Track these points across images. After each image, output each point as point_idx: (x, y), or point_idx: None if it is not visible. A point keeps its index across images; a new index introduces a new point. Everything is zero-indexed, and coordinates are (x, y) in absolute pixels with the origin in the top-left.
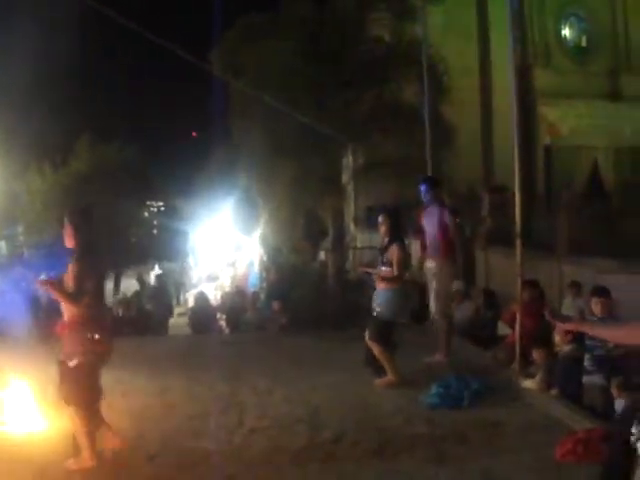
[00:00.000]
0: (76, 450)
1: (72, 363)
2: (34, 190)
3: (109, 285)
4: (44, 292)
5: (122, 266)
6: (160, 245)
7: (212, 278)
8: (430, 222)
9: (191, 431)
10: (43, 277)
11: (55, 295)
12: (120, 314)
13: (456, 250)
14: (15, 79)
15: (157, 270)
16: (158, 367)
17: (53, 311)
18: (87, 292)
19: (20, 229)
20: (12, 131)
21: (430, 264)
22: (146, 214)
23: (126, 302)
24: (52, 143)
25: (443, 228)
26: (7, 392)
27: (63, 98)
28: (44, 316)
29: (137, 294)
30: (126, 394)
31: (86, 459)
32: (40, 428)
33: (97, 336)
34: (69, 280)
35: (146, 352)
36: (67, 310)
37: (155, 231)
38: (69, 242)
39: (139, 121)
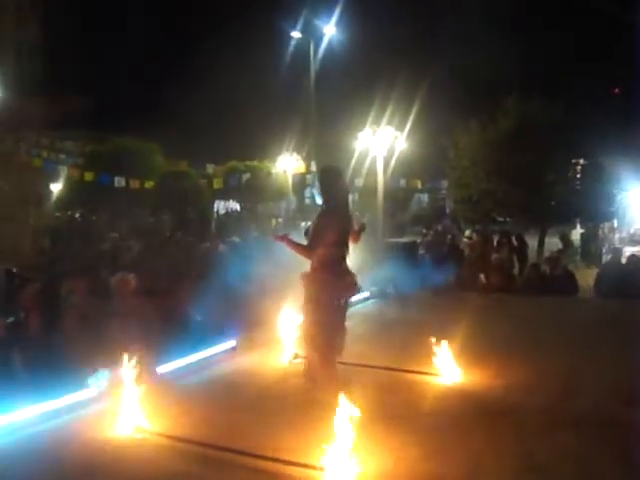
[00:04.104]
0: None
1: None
2: (461, 146)
3: (533, 243)
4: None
5: (547, 224)
6: (584, 204)
7: (636, 241)
8: None
9: (620, 398)
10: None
11: (289, 248)
12: (547, 272)
13: None
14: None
15: (579, 229)
16: (583, 330)
17: (473, 264)
18: (326, 244)
19: (444, 183)
20: (439, 87)
21: None
22: (570, 173)
23: (554, 260)
24: (478, 101)
25: None
26: (438, 346)
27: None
28: (465, 268)
29: (560, 252)
30: (557, 357)
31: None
32: (456, 378)
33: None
34: (312, 231)
35: (573, 314)
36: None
37: (579, 188)
38: (319, 198)
39: (565, 76)
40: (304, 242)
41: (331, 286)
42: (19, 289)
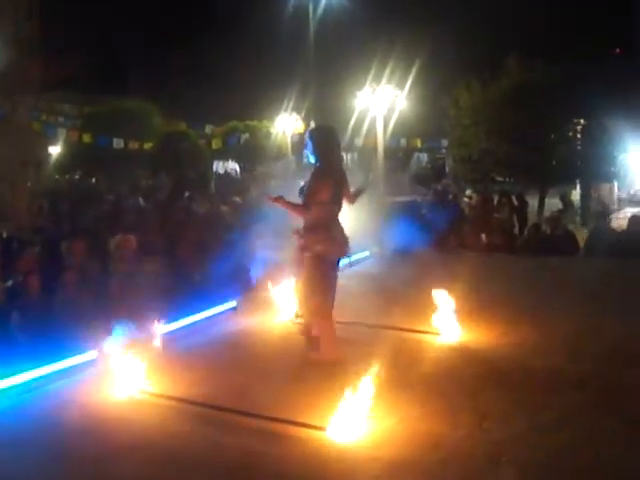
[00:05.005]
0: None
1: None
2: (461, 105)
3: (533, 202)
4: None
5: (547, 184)
6: (584, 164)
7: (636, 202)
8: None
9: (623, 359)
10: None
11: (284, 208)
12: (547, 232)
13: None
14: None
15: (579, 190)
16: (585, 290)
17: (474, 224)
18: (320, 203)
19: (444, 142)
20: (439, 45)
21: None
22: (570, 133)
23: (554, 220)
24: (480, 59)
25: None
26: (439, 304)
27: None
28: (467, 228)
29: (561, 212)
30: (559, 318)
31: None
32: (457, 337)
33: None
34: (306, 190)
35: (574, 274)
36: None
37: (580, 148)
38: (312, 157)
39: (566, 35)
40: (299, 202)
41: (324, 244)
42: (18, 253)
